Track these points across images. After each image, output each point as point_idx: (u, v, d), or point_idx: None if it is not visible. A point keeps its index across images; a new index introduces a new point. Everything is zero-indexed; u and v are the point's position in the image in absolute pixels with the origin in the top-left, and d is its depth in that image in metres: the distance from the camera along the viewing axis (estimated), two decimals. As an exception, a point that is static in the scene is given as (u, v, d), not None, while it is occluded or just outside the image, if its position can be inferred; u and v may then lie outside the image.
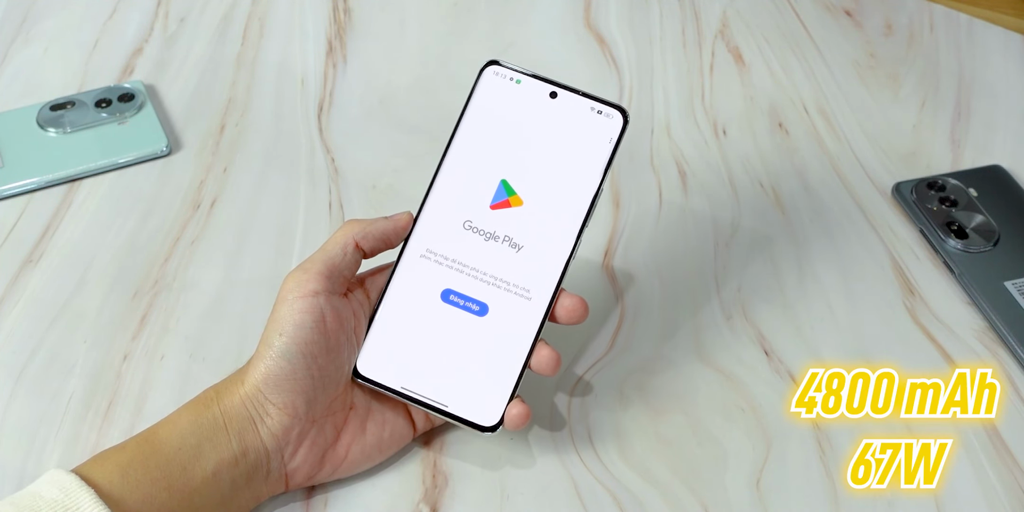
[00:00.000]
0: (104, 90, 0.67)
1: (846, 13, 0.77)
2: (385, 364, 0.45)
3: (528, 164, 0.46)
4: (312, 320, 0.42)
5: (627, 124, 0.46)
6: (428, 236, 0.46)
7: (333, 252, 0.44)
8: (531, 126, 0.46)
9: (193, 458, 0.41)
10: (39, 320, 0.54)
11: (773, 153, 0.66)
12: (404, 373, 0.45)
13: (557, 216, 0.46)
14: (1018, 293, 0.56)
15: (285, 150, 0.65)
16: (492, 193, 0.46)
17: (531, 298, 0.46)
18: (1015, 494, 0.48)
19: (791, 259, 0.59)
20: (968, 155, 0.66)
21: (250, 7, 0.76)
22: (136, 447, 0.41)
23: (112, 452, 0.41)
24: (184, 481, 0.40)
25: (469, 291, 0.46)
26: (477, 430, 0.45)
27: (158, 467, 0.40)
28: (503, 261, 0.46)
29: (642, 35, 0.75)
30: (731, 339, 0.54)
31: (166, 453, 0.41)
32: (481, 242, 0.46)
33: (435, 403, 0.45)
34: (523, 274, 0.46)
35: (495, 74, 0.47)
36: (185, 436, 0.41)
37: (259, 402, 0.42)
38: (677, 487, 0.48)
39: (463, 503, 0.47)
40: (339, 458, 0.45)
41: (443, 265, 0.46)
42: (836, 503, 0.47)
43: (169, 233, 0.59)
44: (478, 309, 0.46)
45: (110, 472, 0.40)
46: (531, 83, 0.46)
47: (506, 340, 0.45)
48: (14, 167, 0.62)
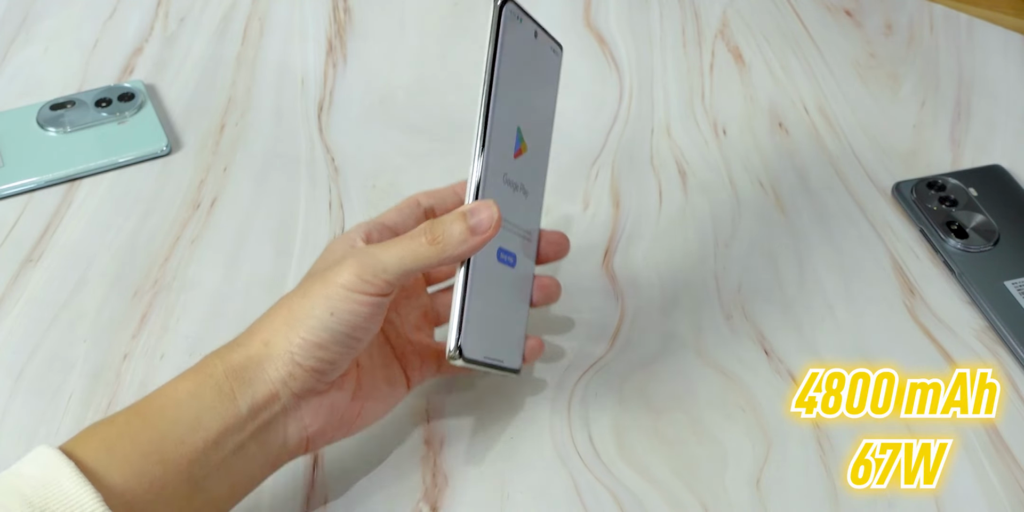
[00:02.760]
0: (104, 90, 0.67)
1: (846, 13, 0.77)
2: (478, 341, 0.43)
3: (528, 108, 0.46)
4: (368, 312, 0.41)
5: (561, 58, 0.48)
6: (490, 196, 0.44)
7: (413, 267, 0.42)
8: (527, 68, 0.46)
9: (191, 429, 0.39)
10: (39, 320, 0.54)
11: (773, 153, 0.66)
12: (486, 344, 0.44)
13: (540, 157, 0.48)
14: (1018, 293, 0.56)
15: (285, 150, 0.65)
16: (514, 142, 0.45)
17: (531, 240, 0.47)
18: (1015, 494, 0.48)
19: (791, 259, 0.59)
20: (968, 155, 0.66)
21: (250, 7, 0.76)
22: (126, 420, 0.39)
23: (100, 426, 0.39)
24: (181, 452, 0.38)
25: (509, 245, 0.46)
26: (507, 373, 0.46)
27: (150, 441, 0.38)
28: (520, 208, 0.46)
29: (642, 35, 0.75)
30: (731, 339, 0.54)
31: (159, 426, 0.39)
32: (511, 193, 0.46)
33: (500, 364, 0.45)
34: (529, 218, 0.47)
35: (511, 13, 0.44)
36: (181, 406, 0.39)
37: (284, 363, 0.40)
38: (677, 486, 0.48)
39: (463, 503, 0.47)
40: (354, 415, 0.44)
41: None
42: (836, 503, 0.47)
43: (169, 233, 0.59)
44: (512, 261, 0.46)
45: (96, 447, 0.38)
46: (527, 23, 0.45)
47: (520, 285, 0.47)
48: (14, 166, 0.62)
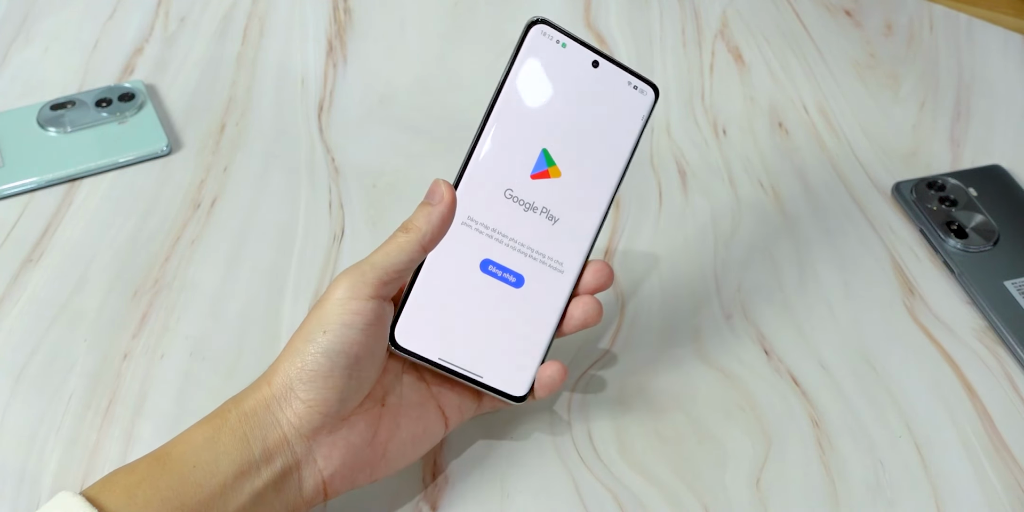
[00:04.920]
0: (104, 90, 0.67)
1: (846, 13, 0.77)
2: (423, 334, 0.44)
3: (567, 134, 0.46)
4: (363, 322, 0.41)
5: (658, 100, 0.46)
6: (470, 203, 0.45)
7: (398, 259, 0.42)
8: (572, 94, 0.45)
9: (209, 474, 0.39)
10: (39, 319, 0.54)
11: (773, 153, 0.66)
12: (441, 344, 0.44)
13: (590, 189, 0.46)
14: (1018, 293, 0.56)
15: (285, 150, 0.65)
16: (533, 162, 0.45)
17: (563, 271, 0.46)
18: (1015, 494, 0.48)
19: (791, 259, 0.59)
20: (968, 155, 0.66)
21: (250, 7, 0.76)
22: (147, 467, 0.40)
23: (121, 473, 0.40)
24: (199, 499, 0.38)
25: (508, 262, 0.45)
26: (509, 400, 0.45)
27: (169, 487, 0.39)
28: (540, 233, 0.46)
29: (642, 35, 0.75)
30: (731, 338, 0.54)
31: (179, 471, 0.39)
32: (521, 212, 0.45)
33: (471, 374, 0.44)
34: (557, 247, 0.46)
35: (542, 34, 0.45)
36: (199, 452, 0.39)
37: (286, 400, 0.40)
38: (677, 486, 0.48)
39: (463, 502, 0.47)
40: (377, 457, 0.43)
41: (483, 234, 0.45)
42: (836, 503, 0.47)
43: (169, 233, 0.59)
44: (515, 281, 0.45)
45: (118, 494, 0.38)
46: (576, 49, 0.45)
47: (537, 312, 0.46)
48: (14, 166, 0.62)
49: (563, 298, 0.46)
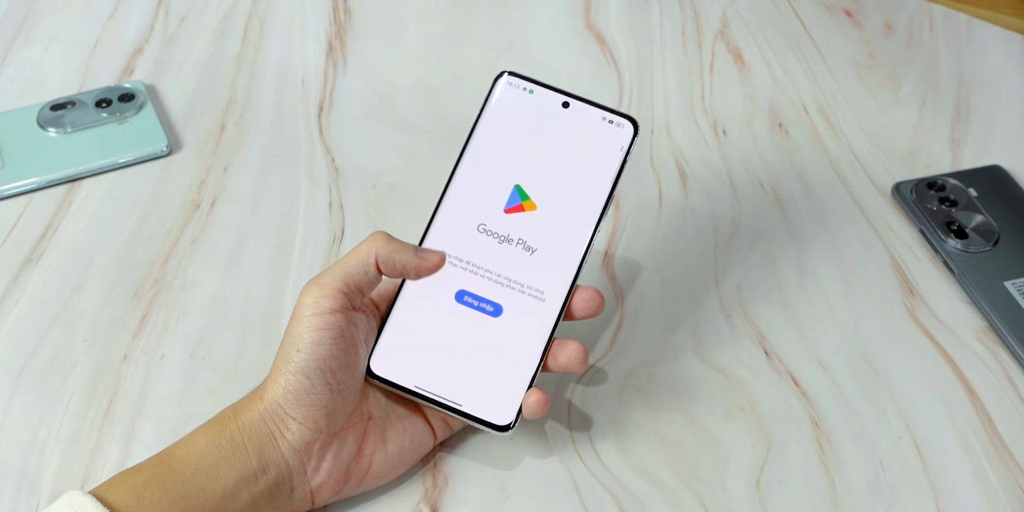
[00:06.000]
0: (104, 90, 0.67)
1: (846, 13, 0.77)
2: (399, 363, 0.45)
3: (542, 170, 0.47)
4: (330, 337, 0.42)
5: (637, 133, 0.47)
6: (443, 238, 0.47)
7: (355, 270, 0.43)
8: (544, 134, 0.47)
9: (211, 478, 0.41)
10: (39, 320, 0.54)
11: (773, 153, 0.66)
12: (418, 372, 0.45)
13: (570, 221, 0.47)
14: (1018, 293, 0.56)
15: (285, 150, 0.65)
16: (506, 197, 0.47)
17: (545, 299, 0.46)
18: (1015, 494, 0.48)
19: (791, 259, 0.59)
20: (968, 155, 0.66)
21: (250, 7, 0.76)
22: (152, 468, 0.41)
23: (128, 473, 0.41)
24: (202, 501, 0.40)
25: (483, 292, 0.46)
26: (492, 429, 0.45)
27: (175, 488, 0.40)
28: (517, 263, 0.46)
29: (642, 35, 0.75)
30: (731, 339, 0.54)
31: (183, 473, 0.41)
32: (495, 245, 0.46)
33: (449, 402, 0.45)
34: (537, 276, 0.46)
35: (509, 84, 0.48)
36: (202, 456, 0.41)
37: (279, 417, 0.42)
38: (677, 487, 0.48)
39: (463, 503, 0.47)
40: (363, 470, 0.44)
41: (457, 267, 0.46)
42: (836, 503, 0.47)
43: (169, 233, 0.59)
44: (492, 310, 0.46)
45: (126, 494, 0.40)
46: (544, 93, 0.48)
47: (520, 341, 0.46)
48: (14, 167, 0.62)
49: (547, 326, 0.46)
